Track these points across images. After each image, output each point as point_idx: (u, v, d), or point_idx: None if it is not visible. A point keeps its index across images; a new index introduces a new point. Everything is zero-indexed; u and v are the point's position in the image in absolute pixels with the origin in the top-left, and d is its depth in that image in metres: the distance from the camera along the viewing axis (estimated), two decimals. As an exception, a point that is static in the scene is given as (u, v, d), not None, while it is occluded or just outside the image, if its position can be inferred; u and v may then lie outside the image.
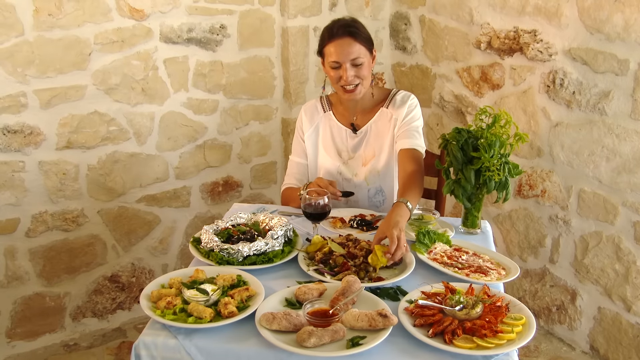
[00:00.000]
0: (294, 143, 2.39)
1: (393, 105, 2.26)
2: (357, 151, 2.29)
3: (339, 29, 2.10)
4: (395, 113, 2.24)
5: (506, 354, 1.38)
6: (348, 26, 2.10)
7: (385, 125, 2.26)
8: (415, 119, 2.23)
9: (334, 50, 2.09)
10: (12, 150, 2.57)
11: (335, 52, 2.09)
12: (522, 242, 3.05)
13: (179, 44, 2.91)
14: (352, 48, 2.08)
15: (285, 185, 2.38)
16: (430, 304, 1.49)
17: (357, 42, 2.08)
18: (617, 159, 2.54)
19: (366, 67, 2.13)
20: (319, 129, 2.33)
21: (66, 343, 2.90)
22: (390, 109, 2.26)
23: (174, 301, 1.50)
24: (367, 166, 2.27)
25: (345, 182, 2.30)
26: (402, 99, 2.26)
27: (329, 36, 2.11)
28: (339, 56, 2.09)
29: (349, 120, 2.30)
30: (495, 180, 1.91)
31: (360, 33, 2.10)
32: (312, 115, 2.34)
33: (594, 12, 2.49)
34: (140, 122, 2.88)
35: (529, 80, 2.84)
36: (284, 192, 2.37)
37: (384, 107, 2.27)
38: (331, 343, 1.38)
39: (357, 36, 2.09)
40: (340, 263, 1.72)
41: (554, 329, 2.97)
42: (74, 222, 2.81)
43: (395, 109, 2.24)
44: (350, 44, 2.08)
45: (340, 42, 2.08)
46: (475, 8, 3.02)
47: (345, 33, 2.08)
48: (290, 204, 2.32)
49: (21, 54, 2.49)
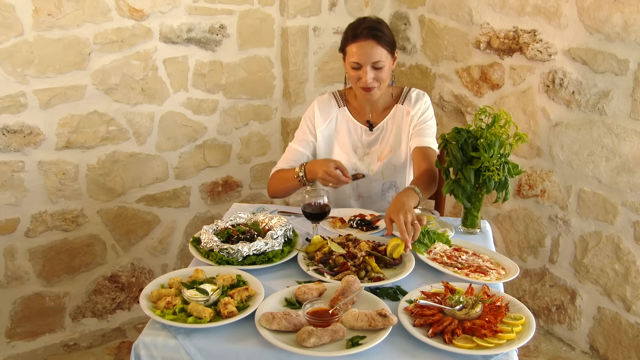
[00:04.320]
0: (297, 132, 2.35)
1: (409, 102, 2.27)
2: (372, 147, 2.30)
3: (363, 30, 2.09)
4: (411, 109, 2.26)
5: (506, 354, 1.38)
6: (373, 28, 2.09)
7: (401, 121, 2.28)
8: (429, 117, 2.26)
9: (356, 51, 2.09)
10: (11, 150, 2.57)
11: (357, 54, 2.09)
12: (522, 242, 3.05)
13: (179, 44, 2.91)
14: (375, 51, 2.07)
15: (276, 169, 2.29)
16: (430, 304, 1.49)
17: (380, 45, 2.08)
18: (616, 158, 2.54)
19: (386, 70, 2.13)
20: (334, 124, 2.31)
21: (66, 343, 2.90)
22: (405, 105, 2.28)
23: (173, 301, 1.50)
24: (382, 161, 2.28)
25: (361, 180, 2.29)
26: (417, 96, 2.28)
27: (353, 36, 2.11)
28: (360, 58, 2.09)
29: (364, 117, 2.30)
30: (494, 180, 1.91)
31: (384, 36, 2.09)
32: (327, 109, 2.32)
33: (593, 12, 2.49)
34: (139, 122, 2.88)
35: (529, 80, 2.84)
36: (275, 175, 2.27)
37: (399, 104, 2.29)
38: (331, 343, 1.38)
39: (380, 39, 2.08)
40: (340, 263, 1.72)
41: (553, 329, 2.97)
42: (74, 222, 2.81)
43: (411, 105, 2.26)
44: (373, 47, 2.07)
45: (363, 43, 2.08)
46: (475, 8, 3.03)
47: (369, 35, 2.07)
48: (279, 185, 2.24)
49: (21, 54, 2.49)
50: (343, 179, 2.02)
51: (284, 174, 2.25)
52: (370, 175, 2.29)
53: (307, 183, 2.13)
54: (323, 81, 3.37)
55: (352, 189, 2.34)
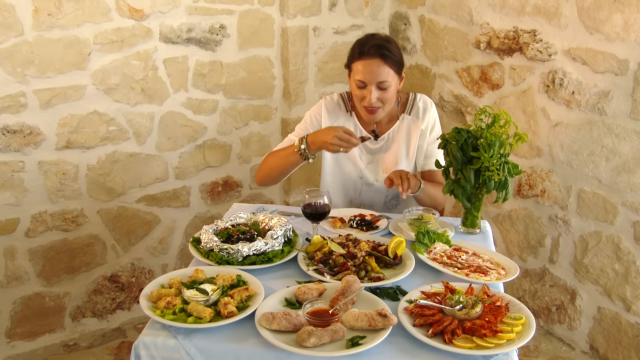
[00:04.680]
0: (299, 125, 2.30)
1: (416, 114, 2.23)
2: (376, 155, 2.26)
3: (370, 47, 2.03)
4: (421, 123, 2.21)
5: (506, 354, 1.38)
6: (380, 47, 2.03)
7: (408, 133, 2.23)
8: (439, 132, 2.22)
9: (361, 69, 2.04)
10: (11, 150, 2.57)
11: (363, 72, 2.03)
12: (522, 242, 3.05)
13: (179, 44, 2.91)
14: (381, 70, 2.02)
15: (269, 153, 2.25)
16: (430, 304, 1.49)
17: (387, 64, 2.02)
18: (616, 158, 2.54)
19: (392, 90, 2.08)
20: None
21: (66, 343, 2.90)
22: (413, 116, 2.23)
23: (173, 301, 1.50)
24: (387, 172, 2.22)
25: (366, 187, 2.29)
26: (425, 106, 2.23)
27: (360, 53, 2.05)
28: (366, 76, 2.03)
29: (369, 125, 2.26)
30: (494, 180, 1.91)
31: (391, 55, 2.03)
32: (335, 111, 2.27)
33: (593, 12, 2.49)
34: (139, 122, 2.88)
35: (529, 80, 2.84)
36: (267, 156, 2.22)
37: (406, 114, 2.23)
38: (331, 343, 1.38)
39: (387, 58, 2.02)
40: (340, 263, 1.72)
41: (553, 329, 2.97)
42: (74, 222, 2.81)
43: (419, 118, 2.22)
44: (380, 66, 2.02)
45: (369, 62, 2.02)
46: (475, 8, 3.02)
47: (376, 54, 2.02)
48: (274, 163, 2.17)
49: (21, 54, 2.49)
50: (354, 141, 1.99)
51: (279, 152, 2.18)
52: (375, 184, 2.27)
53: (309, 156, 2.08)
54: (323, 81, 3.37)
55: (355, 197, 2.33)
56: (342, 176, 2.31)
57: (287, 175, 2.23)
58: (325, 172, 2.34)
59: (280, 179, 2.24)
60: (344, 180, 2.31)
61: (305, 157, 2.08)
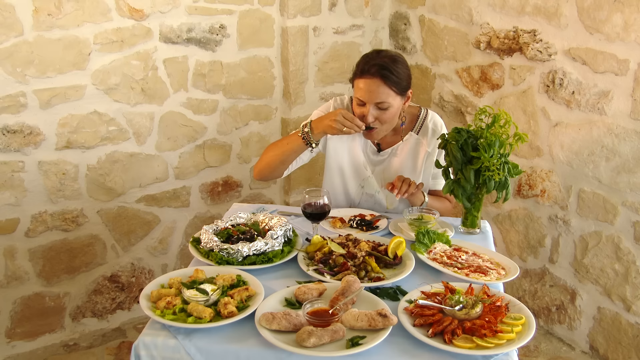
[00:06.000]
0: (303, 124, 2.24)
1: (425, 134, 2.18)
2: (377, 166, 2.24)
3: (372, 66, 1.98)
4: (428, 145, 2.18)
5: (506, 354, 1.38)
6: (383, 67, 1.97)
7: (414, 152, 2.19)
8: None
9: (361, 87, 2.01)
10: (11, 150, 2.57)
11: (362, 90, 2.00)
12: (522, 242, 3.05)
13: (179, 44, 2.91)
14: (380, 90, 1.98)
15: None
16: (430, 304, 1.49)
17: (387, 85, 1.98)
18: (616, 158, 2.54)
19: (392, 111, 2.03)
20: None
21: (66, 343, 2.90)
22: (421, 136, 2.19)
23: (173, 301, 1.50)
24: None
25: (367, 197, 2.27)
26: (434, 128, 2.18)
27: (362, 71, 2.01)
28: (364, 95, 2.00)
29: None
30: (495, 180, 1.91)
31: (393, 76, 1.98)
32: None
33: (593, 12, 2.49)
34: (139, 122, 2.88)
35: (529, 80, 2.84)
36: (268, 147, 2.18)
37: (414, 132, 2.19)
38: (331, 343, 1.38)
39: (387, 79, 1.97)
40: (340, 263, 1.72)
41: (553, 329, 2.97)
42: (74, 222, 2.81)
43: (427, 140, 2.18)
44: (379, 87, 1.98)
45: (369, 81, 1.99)
46: (475, 8, 3.03)
47: (376, 73, 1.97)
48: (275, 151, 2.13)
49: (20, 54, 2.49)
50: (358, 122, 1.97)
51: (281, 140, 2.15)
52: (376, 195, 2.25)
53: (312, 141, 2.04)
54: (323, 81, 3.37)
55: (355, 206, 2.31)
56: (344, 184, 2.28)
57: (287, 167, 2.17)
58: (327, 179, 2.31)
59: (279, 172, 2.18)
60: (345, 188, 2.29)
61: (308, 141, 2.04)
